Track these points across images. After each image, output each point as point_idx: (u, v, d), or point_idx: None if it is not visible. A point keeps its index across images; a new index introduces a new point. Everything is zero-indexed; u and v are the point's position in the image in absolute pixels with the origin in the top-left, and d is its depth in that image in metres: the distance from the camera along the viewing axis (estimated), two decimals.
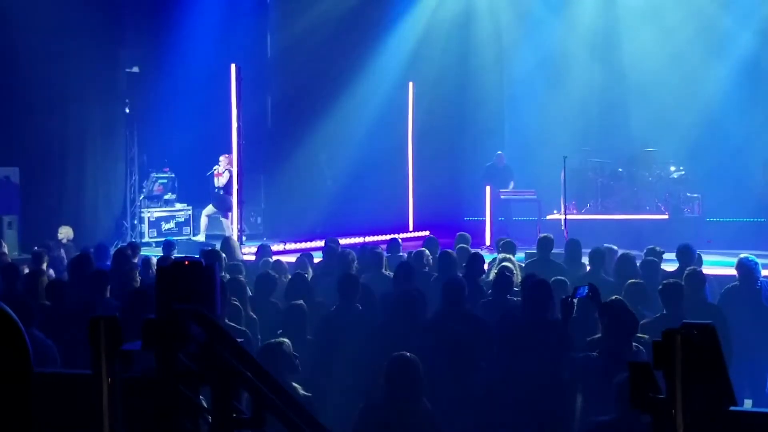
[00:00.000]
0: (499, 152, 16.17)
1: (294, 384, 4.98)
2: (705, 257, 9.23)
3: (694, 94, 15.89)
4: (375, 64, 17.18)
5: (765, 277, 7.74)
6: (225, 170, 14.78)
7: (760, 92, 15.52)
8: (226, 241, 10.29)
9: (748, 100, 15.51)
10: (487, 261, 9.44)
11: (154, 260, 8.93)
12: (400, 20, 17.49)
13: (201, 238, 15.00)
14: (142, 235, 15.44)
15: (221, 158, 14.86)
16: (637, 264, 8.11)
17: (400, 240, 10.81)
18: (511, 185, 15.57)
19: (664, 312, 6.49)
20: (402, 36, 17.41)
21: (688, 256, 8.25)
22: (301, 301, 6.45)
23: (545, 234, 9.56)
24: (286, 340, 5.23)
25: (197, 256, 8.48)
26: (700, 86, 15.87)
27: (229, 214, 14.61)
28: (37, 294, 6.99)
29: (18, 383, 2.33)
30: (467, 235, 10.71)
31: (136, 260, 9.46)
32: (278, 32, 17.36)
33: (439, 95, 17.67)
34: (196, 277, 3.26)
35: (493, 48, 17.86)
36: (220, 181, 14.85)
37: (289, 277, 8.00)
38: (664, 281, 6.95)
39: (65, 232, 12.42)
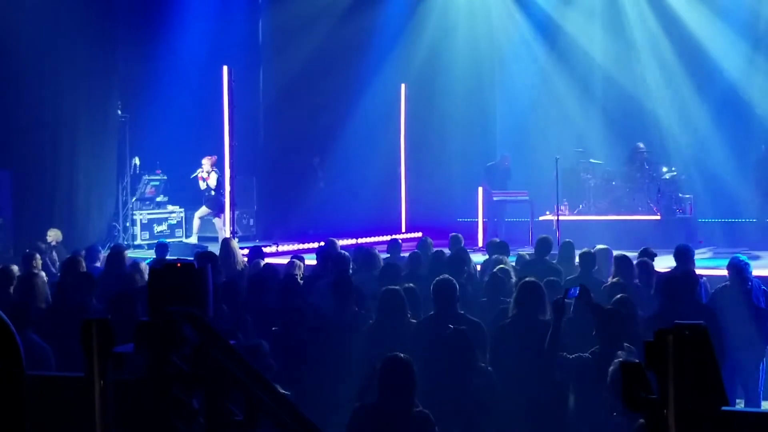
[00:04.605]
0: (505, 154, 16.27)
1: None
2: (696, 257, 9.25)
3: (687, 94, 15.96)
4: (367, 66, 17.17)
5: (756, 277, 7.76)
6: (211, 171, 14.76)
7: (753, 94, 15.57)
8: (226, 243, 10.08)
9: (741, 103, 15.56)
10: (479, 262, 9.47)
11: (143, 264, 8.85)
12: (393, 22, 17.48)
13: (193, 240, 14.98)
14: (134, 237, 15.40)
15: (204, 160, 14.83)
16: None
17: (400, 240, 10.79)
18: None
19: (661, 309, 6.50)
20: (394, 37, 17.41)
21: (686, 257, 8.23)
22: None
23: (544, 235, 9.53)
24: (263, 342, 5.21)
25: (190, 258, 8.50)
26: (692, 87, 15.93)
27: (222, 214, 14.59)
28: (30, 296, 6.98)
29: (10, 386, 2.33)
30: (460, 236, 10.72)
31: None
32: (270, 34, 17.32)
33: (431, 97, 17.69)
34: (188, 279, 3.26)
35: (485, 49, 17.89)
36: (208, 183, 14.82)
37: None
38: (663, 280, 6.96)
39: (54, 235, 12.39)
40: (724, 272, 7.85)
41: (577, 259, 8.70)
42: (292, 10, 16.90)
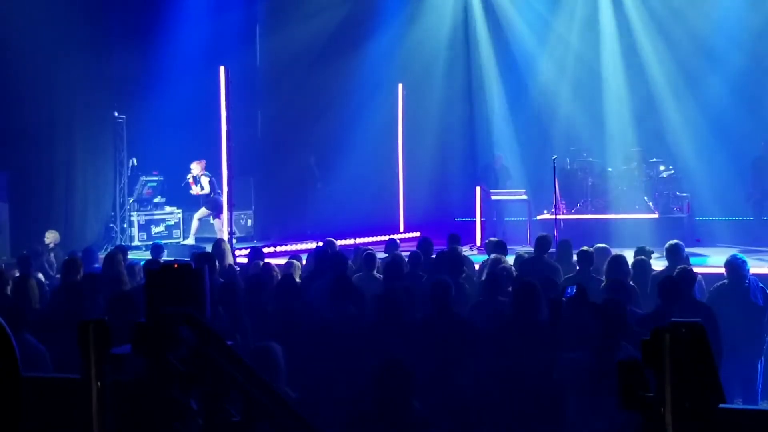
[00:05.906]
0: (498, 154, 16.29)
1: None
2: (693, 256, 9.27)
3: (684, 94, 15.98)
4: (364, 66, 17.16)
5: (753, 275, 7.77)
6: (200, 176, 14.68)
7: (750, 93, 15.58)
8: (218, 244, 10.18)
9: (738, 101, 15.57)
10: (477, 262, 9.47)
11: (138, 267, 8.85)
12: (390, 22, 17.48)
13: (191, 241, 14.95)
14: (131, 238, 15.39)
15: (193, 165, 14.72)
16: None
17: (398, 240, 10.78)
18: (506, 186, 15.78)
19: (658, 308, 6.50)
20: (392, 37, 17.41)
21: (676, 254, 8.27)
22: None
23: (544, 234, 9.54)
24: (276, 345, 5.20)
25: (187, 259, 8.49)
26: (690, 87, 15.96)
27: (222, 215, 14.56)
28: (27, 298, 6.97)
29: (6, 388, 2.32)
30: (458, 235, 10.71)
31: (125, 263, 9.41)
32: (268, 35, 17.33)
33: (428, 96, 17.70)
34: (185, 280, 3.25)
35: (482, 49, 17.90)
36: (198, 189, 14.73)
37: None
38: (662, 276, 6.96)
39: (52, 237, 12.39)
40: (722, 270, 7.86)
41: (575, 258, 8.71)
42: (289, 10, 16.90)
